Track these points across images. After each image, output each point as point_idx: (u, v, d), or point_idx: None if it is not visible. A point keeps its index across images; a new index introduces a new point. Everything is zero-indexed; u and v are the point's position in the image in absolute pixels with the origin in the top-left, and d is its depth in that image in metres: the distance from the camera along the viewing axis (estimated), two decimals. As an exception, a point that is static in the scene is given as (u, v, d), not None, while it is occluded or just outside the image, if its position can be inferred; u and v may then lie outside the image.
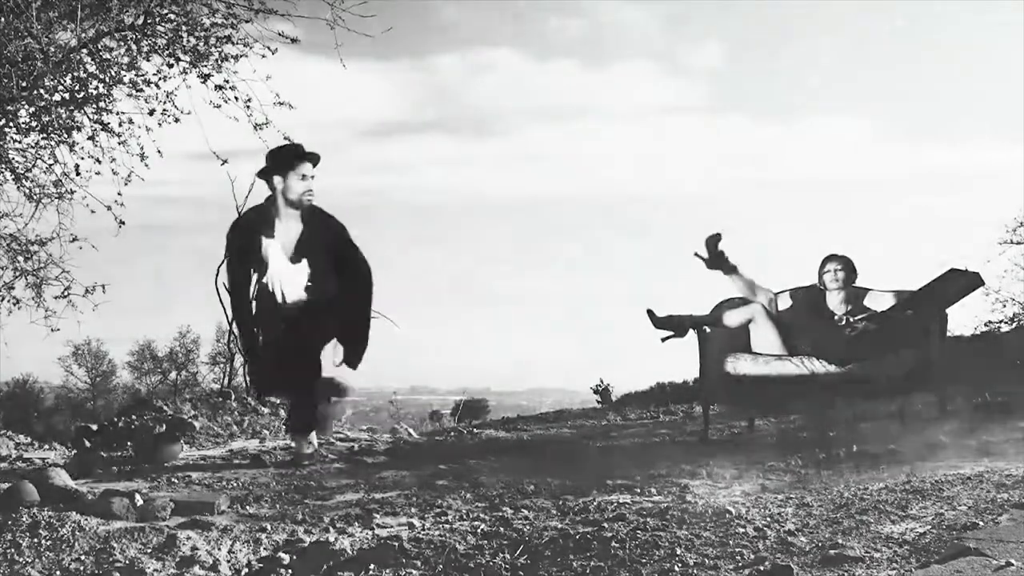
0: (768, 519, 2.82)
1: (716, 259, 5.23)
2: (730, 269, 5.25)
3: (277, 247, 4.61)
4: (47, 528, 2.82)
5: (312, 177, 4.62)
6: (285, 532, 2.95)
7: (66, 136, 5.93)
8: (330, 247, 4.65)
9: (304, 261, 4.61)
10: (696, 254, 5.24)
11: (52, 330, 6.47)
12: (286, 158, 4.63)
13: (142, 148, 6.00)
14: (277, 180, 4.61)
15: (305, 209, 4.62)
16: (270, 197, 4.67)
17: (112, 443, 5.15)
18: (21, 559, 2.60)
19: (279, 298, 4.60)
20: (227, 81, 5.80)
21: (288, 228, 4.63)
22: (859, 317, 5.03)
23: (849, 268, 5.19)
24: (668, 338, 5.28)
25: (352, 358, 4.71)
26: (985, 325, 9.13)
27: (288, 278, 4.61)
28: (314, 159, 4.65)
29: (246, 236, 4.65)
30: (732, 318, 5.24)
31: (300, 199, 4.59)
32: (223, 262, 4.81)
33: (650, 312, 5.27)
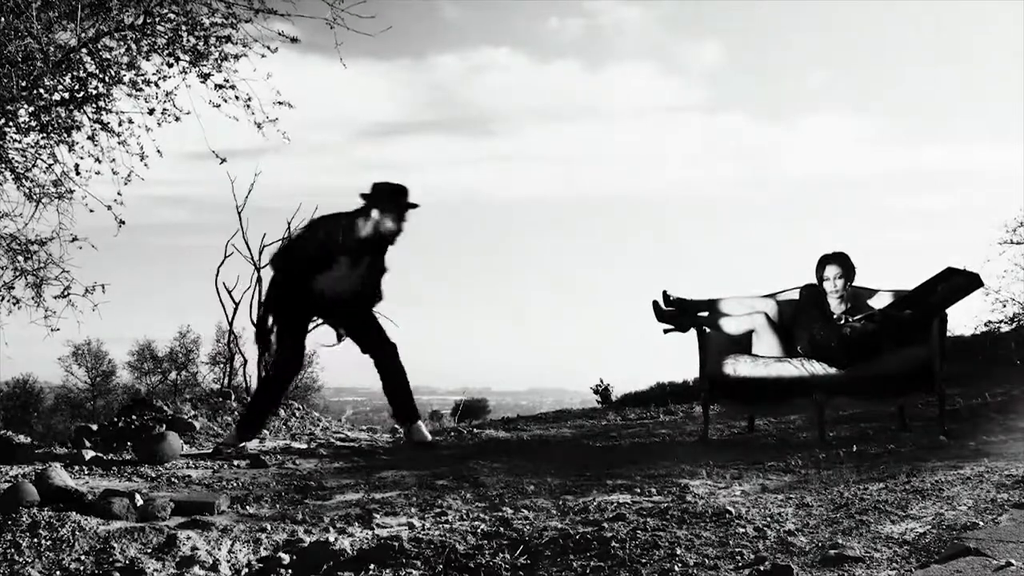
0: (768, 519, 2.82)
1: (684, 314, 5.27)
2: (702, 308, 5.31)
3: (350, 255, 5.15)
4: (47, 528, 2.82)
5: (405, 221, 5.19)
6: (285, 532, 2.95)
7: (66, 136, 5.93)
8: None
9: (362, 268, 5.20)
10: (664, 331, 5.29)
11: (52, 330, 6.47)
12: (391, 200, 5.15)
13: (142, 148, 6.01)
14: (375, 212, 5.11)
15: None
16: (363, 212, 5.15)
17: (112, 443, 5.15)
18: (21, 559, 2.60)
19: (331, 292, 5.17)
20: (227, 81, 5.80)
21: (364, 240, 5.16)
22: (858, 317, 5.02)
23: (847, 270, 5.17)
24: (669, 331, 5.28)
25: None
26: (985, 325, 9.12)
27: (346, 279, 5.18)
28: (414, 208, 5.21)
29: (330, 232, 5.12)
30: (734, 325, 5.23)
31: (389, 235, 5.16)
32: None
33: (655, 303, 5.26)
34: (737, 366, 5.08)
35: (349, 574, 2.52)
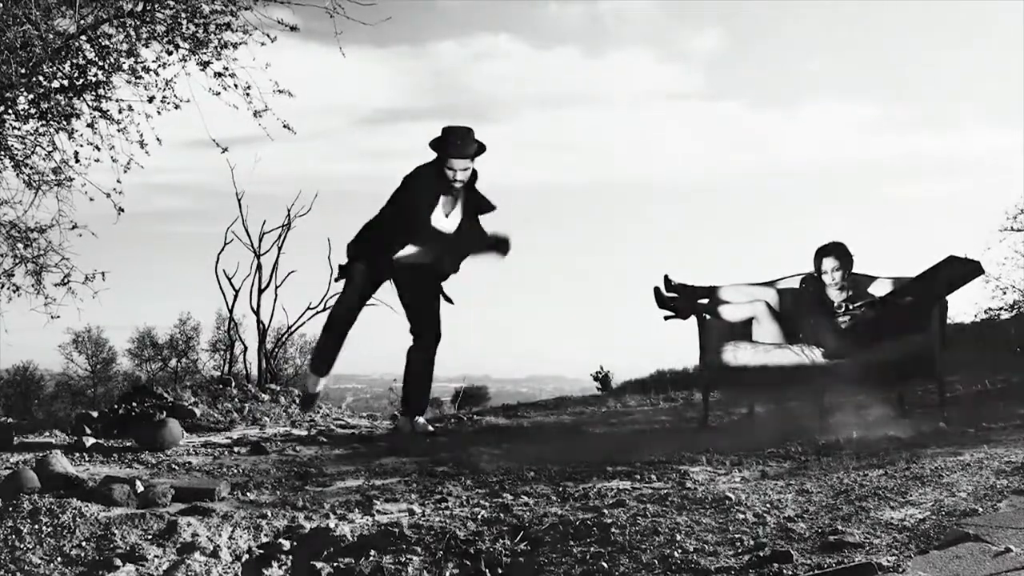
0: (768, 505, 2.83)
1: (686, 300, 5.25)
2: (703, 294, 5.28)
3: (441, 204, 5.01)
4: (48, 515, 2.82)
5: (464, 170, 4.92)
6: (285, 518, 2.96)
7: (65, 123, 5.92)
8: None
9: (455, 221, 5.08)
10: (665, 317, 5.26)
11: (52, 317, 6.48)
12: (439, 149, 4.92)
13: (141, 135, 5.99)
14: (438, 164, 4.94)
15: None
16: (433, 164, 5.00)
17: (113, 430, 5.16)
18: (22, 545, 2.61)
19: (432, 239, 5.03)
20: (226, 68, 5.78)
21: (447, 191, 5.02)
22: (858, 304, 5.02)
23: (845, 259, 5.16)
24: (669, 317, 5.28)
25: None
26: (985, 312, 9.12)
27: (442, 227, 5.05)
28: (469, 154, 4.94)
29: (425, 183, 4.97)
30: (734, 312, 5.22)
31: (449, 184, 4.94)
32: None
33: (656, 289, 5.24)
34: (737, 353, 5.08)
35: (349, 560, 2.53)
